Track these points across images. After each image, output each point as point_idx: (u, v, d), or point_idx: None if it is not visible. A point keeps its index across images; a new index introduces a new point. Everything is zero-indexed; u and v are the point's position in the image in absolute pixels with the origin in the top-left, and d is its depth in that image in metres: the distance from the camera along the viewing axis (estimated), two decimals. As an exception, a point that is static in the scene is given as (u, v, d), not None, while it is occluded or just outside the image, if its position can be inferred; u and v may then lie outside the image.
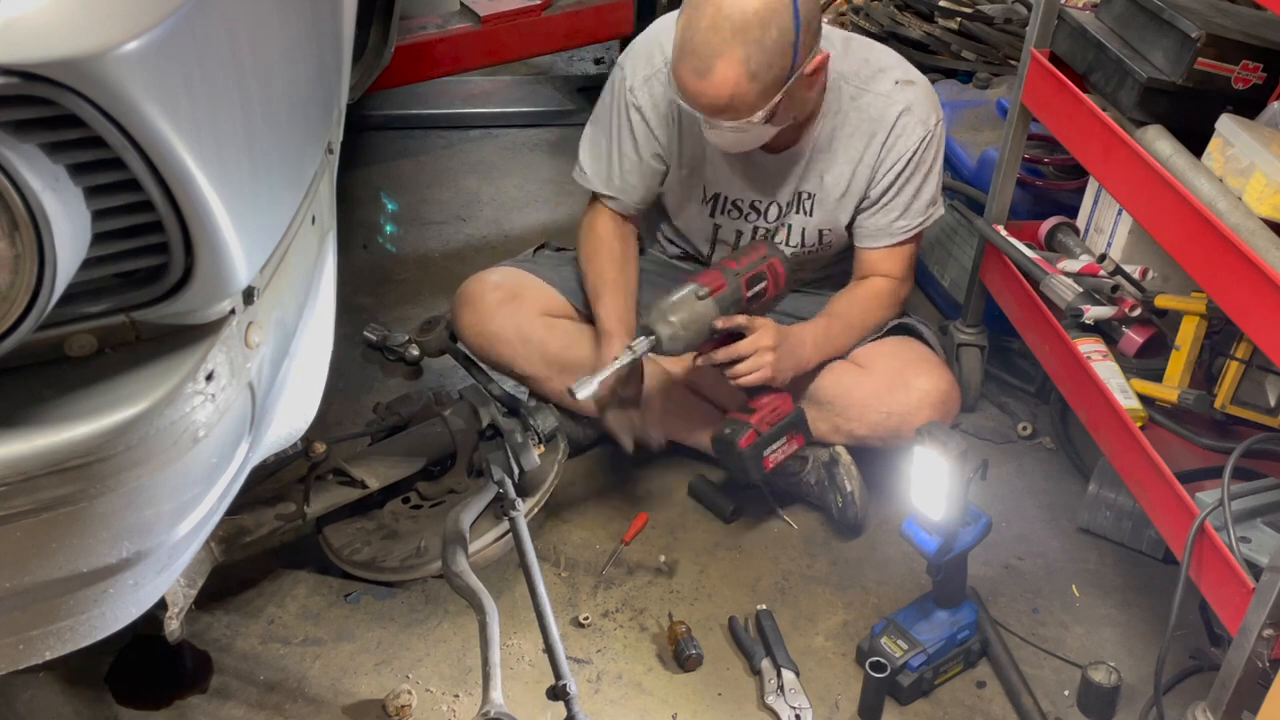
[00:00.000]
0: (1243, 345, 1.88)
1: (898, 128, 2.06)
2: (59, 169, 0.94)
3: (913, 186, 2.10)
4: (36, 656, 1.11)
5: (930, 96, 2.10)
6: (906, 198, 2.11)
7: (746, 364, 1.96)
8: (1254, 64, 1.88)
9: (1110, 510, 2.14)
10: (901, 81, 2.07)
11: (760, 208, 2.17)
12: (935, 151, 2.11)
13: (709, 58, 1.79)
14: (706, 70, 1.80)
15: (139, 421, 1.05)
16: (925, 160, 2.09)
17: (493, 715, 1.48)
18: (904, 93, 2.06)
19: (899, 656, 1.82)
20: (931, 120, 2.08)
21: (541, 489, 1.98)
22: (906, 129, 2.06)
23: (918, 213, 2.13)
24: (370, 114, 3.47)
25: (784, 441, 2.01)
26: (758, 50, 1.79)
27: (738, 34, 1.78)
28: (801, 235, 2.19)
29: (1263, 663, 1.54)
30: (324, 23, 1.47)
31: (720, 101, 1.83)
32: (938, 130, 2.09)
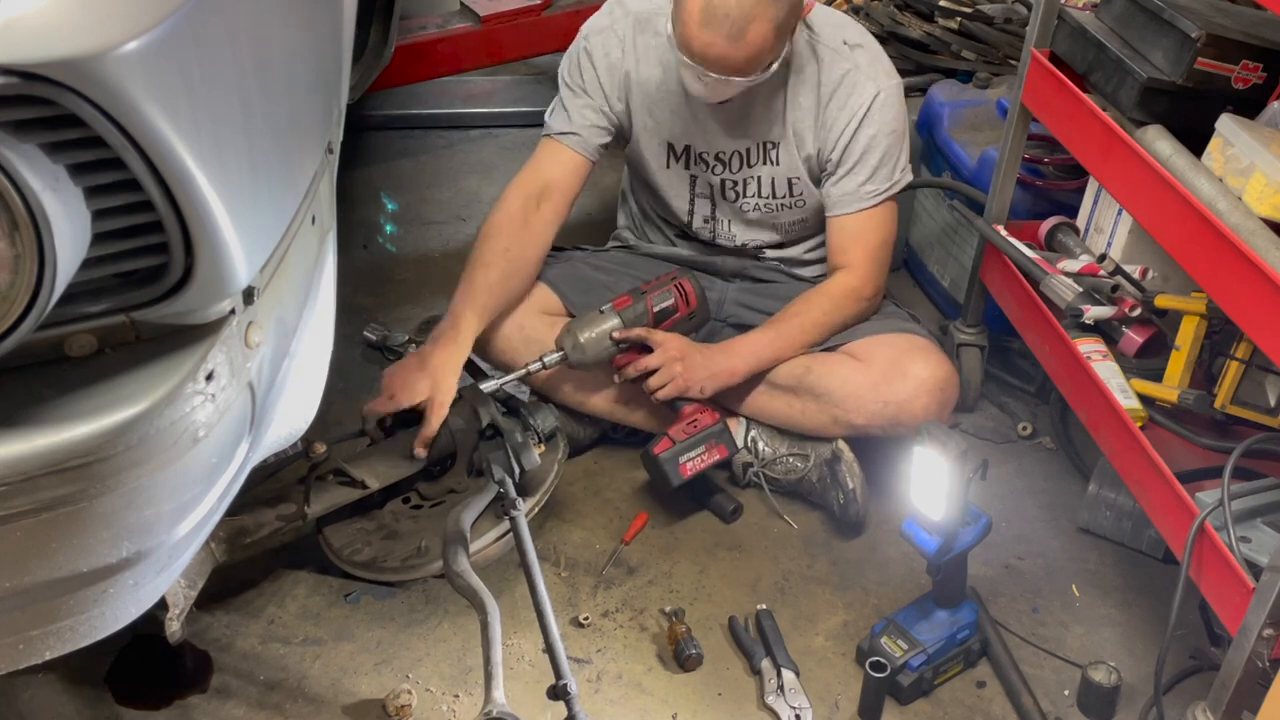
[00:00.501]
0: (1243, 345, 1.88)
1: (845, 85, 2.07)
2: (59, 169, 0.94)
3: (878, 149, 2.10)
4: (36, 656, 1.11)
5: (880, 59, 2.12)
6: (873, 161, 2.11)
7: (657, 377, 2.05)
8: (1254, 64, 1.88)
9: (1110, 510, 2.14)
10: (851, 44, 2.09)
11: (724, 158, 2.19)
12: (895, 112, 2.10)
13: (744, 22, 1.82)
14: (740, 34, 1.82)
15: (139, 421, 1.05)
16: (885, 121, 2.09)
17: (495, 715, 1.48)
18: (853, 54, 2.09)
19: (899, 656, 1.82)
20: (882, 79, 2.09)
21: (542, 489, 1.98)
22: (856, 86, 2.07)
23: (884, 178, 2.13)
24: (370, 114, 3.47)
25: (703, 450, 2.08)
26: (785, 6, 1.84)
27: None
28: (772, 186, 2.21)
29: (1263, 663, 1.54)
30: (324, 23, 1.47)
31: (746, 60, 1.86)
32: (891, 90, 2.10)
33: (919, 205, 2.87)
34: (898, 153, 2.13)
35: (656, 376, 2.06)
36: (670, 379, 2.06)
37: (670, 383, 2.06)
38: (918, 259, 2.89)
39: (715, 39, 1.84)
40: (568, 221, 2.23)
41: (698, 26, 1.84)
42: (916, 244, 2.90)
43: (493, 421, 1.99)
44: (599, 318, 2.09)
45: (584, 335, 2.07)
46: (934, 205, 2.78)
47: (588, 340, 2.07)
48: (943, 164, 2.71)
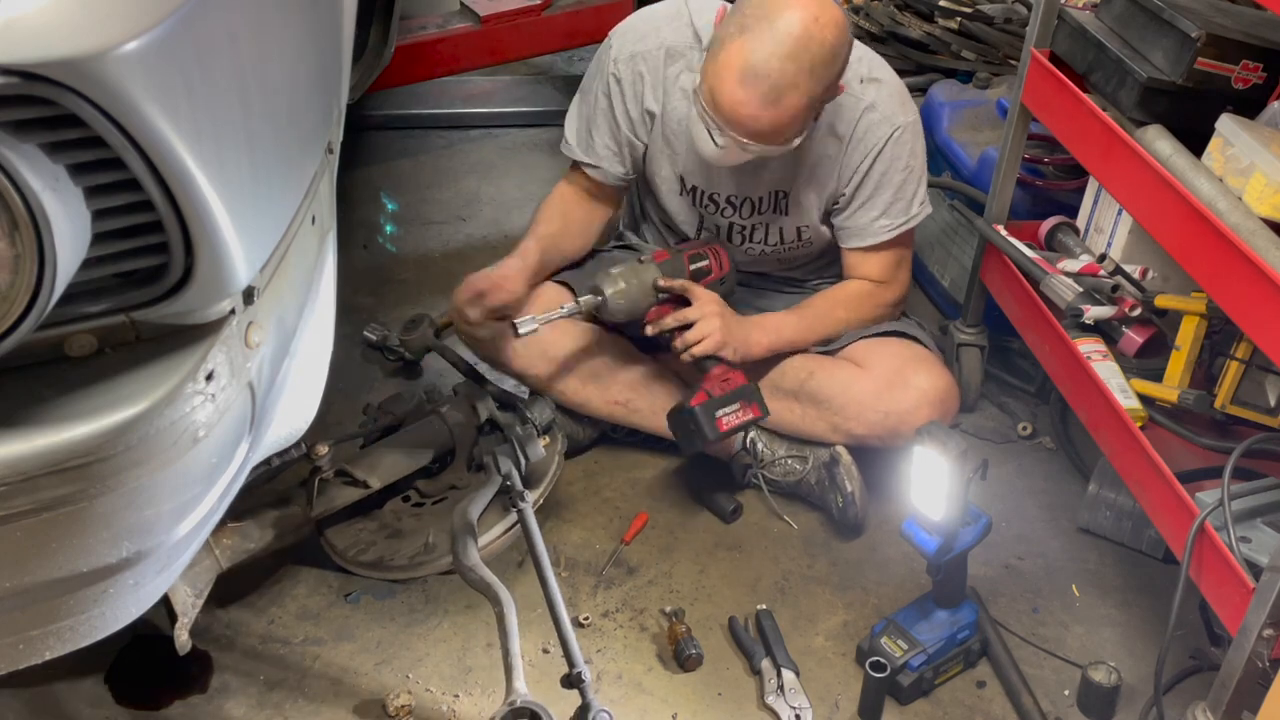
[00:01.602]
0: (1243, 345, 1.88)
1: (862, 124, 2.03)
2: (59, 169, 0.94)
3: (891, 185, 2.07)
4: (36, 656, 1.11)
5: (898, 93, 2.07)
6: (886, 197, 2.08)
7: (696, 330, 2.00)
8: (1254, 64, 1.88)
9: (1110, 510, 2.14)
10: (867, 80, 2.04)
11: (735, 203, 2.17)
12: (909, 149, 2.06)
13: (782, 89, 1.77)
14: (776, 101, 1.77)
15: (139, 421, 1.05)
16: (898, 157, 2.05)
17: (519, 704, 1.47)
18: (869, 90, 2.03)
19: (899, 656, 1.82)
20: (899, 117, 2.04)
21: (545, 481, 1.98)
22: (871, 126, 2.03)
23: (900, 212, 2.10)
24: (370, 114, 3.47)
25: (737, 407, 2.02)
26: (823, 84, 1.81)
27: (814, 71, 1.77)
28: (780, 234, 2.19)
29: (1263, 663, 1.54)
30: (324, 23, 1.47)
31: (773, 129, 1.82)
32: (909, 126, 2.05)
33: (919, 205, 2.86)
34: (914, 188, 2.09)
35: (695, 330, 2.00)
36: (709, 333, 2.00)
37: (708, 337, 2.00)
38: (918, 259, 2.88)
39: (750, 99, 1.77)
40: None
41: (734, 83, 1.78)
42: (916, 244, 2.89)
43: (491, 417, 1.99)
44: (640, 267, 2.02)
45: (626, 282, 1.98)
46: (934, 205, 2.77)
47: (630, 286, 1.99)
48: (943, 164, 2.71)
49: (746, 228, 2.20)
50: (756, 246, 2.22)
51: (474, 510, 1.81)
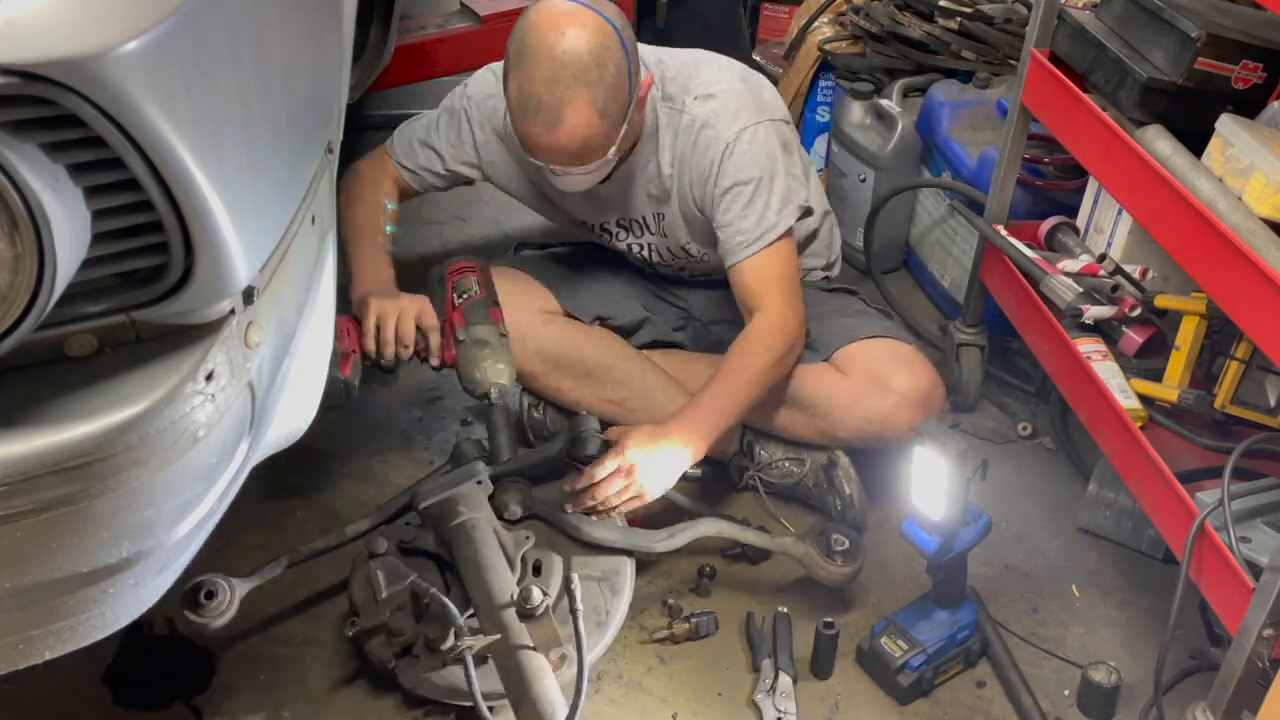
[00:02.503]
0: (1243, 345, 1.88)
1: (700, 142, 2.01)
2: (59, 169, 0.94)
3: (741, 199, 1.99)
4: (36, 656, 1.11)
5: (732, 104, 2.01)
6: (738, 210, 2.00)
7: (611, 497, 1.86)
8: (1254, 64, 1.88)
9: (1110, 510, 2.14)
10: (701, 96, 2.02)
11: (625, 225, 2.20)
12: (748, 160, 1.99)
13: (557, 108, 1.79)
14: (557, 121, 1.79)
15: (139, 421, 1.04)
16: (742, 169, 1.99)
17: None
18: (702, 107, 2.02)
19: (899, 656, 1.82)
20: (731, 130, 1.98)
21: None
22: (705, 142, 2.01)
23: (754, 224, 2.00)
24: (370, 114, 3.46)
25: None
26: (601, 88, 1.80)
27: (579, 78, 1.78)
28: (669, 251, 2.22)
29: (1263, 663, 1.54)
30: (324, 23, 1.47)
31: (574, 148, 1.83)
32: (743, 137, 1.98)
33: (919, 205, 2.87)
34: (765, 196, 2.00)
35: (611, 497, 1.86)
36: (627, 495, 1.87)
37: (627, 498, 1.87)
38: (918, 259, 2.89)
39: (535, 128, 1.82)
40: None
41: (518, 119, 1.84)
42: (916, 244, 2.90)
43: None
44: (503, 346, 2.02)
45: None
46: (934, 205, 2.78)
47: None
48: (943, 164, 2.71)
49: (643, 246, 2.23)
50: (661, 265, 2.27)
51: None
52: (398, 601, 1.73)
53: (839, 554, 1.91)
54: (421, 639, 1.69)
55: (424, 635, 1.68)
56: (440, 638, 1.64)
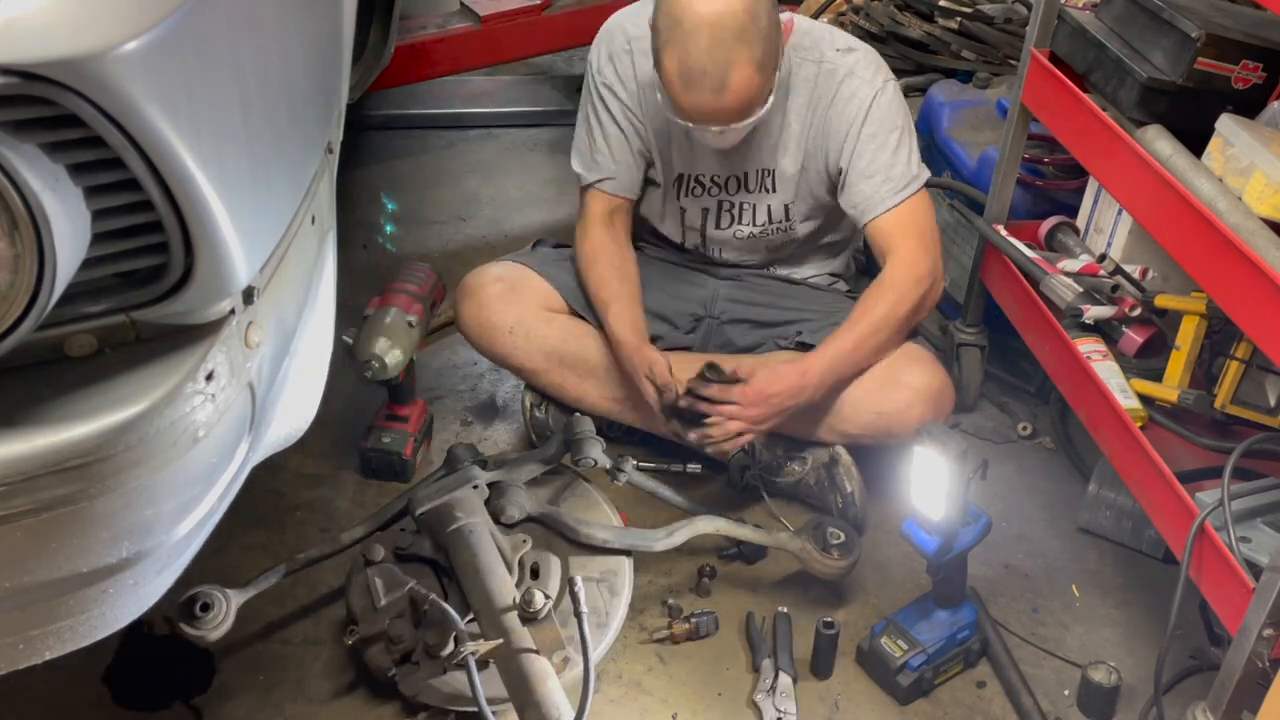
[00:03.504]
0: (1243, 345, 1.88)
1: (843, 92, 2.05)
2: (59, 169, 0.94)
3: (887, 147, 2.05)
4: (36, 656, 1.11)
5: (874, 59, 2.09)
6: (885, 159, 2.05)
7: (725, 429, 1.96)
8: (1254, 64, 1.88)
9: (1110, 510, 2.14)
10: (841, 49, 2.07)
11: (720, 181, 2.18)
12: (894, 110, 2.06)
13: (722, 74, 1.80)
14: (724, 85, 1.81)
15: (139, 421, 1.04)
16: (887, 117, 2.05)
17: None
18: (845, 58, 2.06)
19: (899, 656, 1.82)
20: (879, 78, 2.06)
21: None
22: (853, 92, 2.04)
23: (902, 175, 2.06)
24: (370, 114, 3.47)
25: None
26: (760, 42, 1.81)
27: (740, 38, 1.78)
28: (768, 212, 2.20)
29: (1263, 663, 1.54)
30: (324, 23, 1.47)
31: (738, 107, 1.85)
32: (888, 89, 2.06)
33: (919, 205, 2.86)
34: (909, 147, 2.08)
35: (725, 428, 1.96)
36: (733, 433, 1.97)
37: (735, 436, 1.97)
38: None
39: (701, 98, 1.83)
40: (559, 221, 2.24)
41: (681, 91, 1.84)
42: (916, 244, 2.89)
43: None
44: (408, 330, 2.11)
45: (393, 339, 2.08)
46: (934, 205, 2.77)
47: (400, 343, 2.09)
48: (943, 164, 2.71)
49: (734, 205, 2.20)
50: (745, 229, 2.23)
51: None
52: (396, 608, 1.73)
53: (835, 547, 1.92)
54: (421, 645, 1.69)
55: (423, 641, 1.68)
56: (440, 644, 1.64)
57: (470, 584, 1.71)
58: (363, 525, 1.90)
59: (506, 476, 1.92)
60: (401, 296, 2.16)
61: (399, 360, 2.09)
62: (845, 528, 1.94)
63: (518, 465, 1.97)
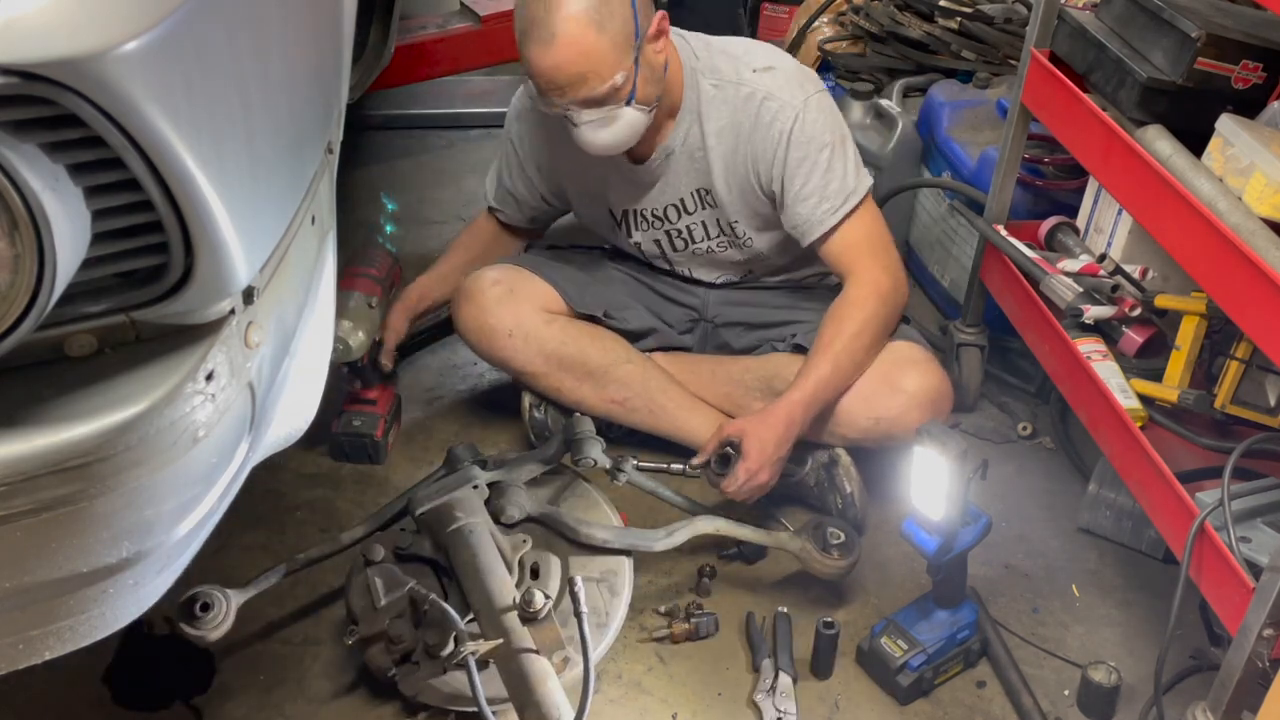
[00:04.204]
0: (1243, 345, 1.88)
1: (762, 115, 2.01)
2: (59, 169, 0.94)
3: (818, 168, 2.01)
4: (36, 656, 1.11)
5: (794, 76, 2.04)
6: (817, 180, 2.02)
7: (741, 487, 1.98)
8: (1254, 64, 1.88)
9: (1110, 510, 2.14)
10: (760, 69, 2.03)
11: (660, 213, 2.19)
12: (821, 124, 2.01)
13: (548, 22, 1.80)
14: (551, 37, 1.80)
15: (139, 421, 1.04)
16: (813, 137, 2.01)
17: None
18: (763, 80, 2.02)
19: (899, 656, 1.82)
20: (798, 98, 2.00)
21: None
22: (774, 116, 2.01)
23: (838, 192, 2.02)
24: (370, 114, 3.47)
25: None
26: (604, 6, 1.81)
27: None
28: (719, 228, 2.19)
29: (1263, 663, 1.54)
30: (324, 23, 1.47)
31: (575, 66, 1.83)
32: (810, 105, 2.00)
33: (919, 205, 2.87)
34: (842, 161, 2.03)
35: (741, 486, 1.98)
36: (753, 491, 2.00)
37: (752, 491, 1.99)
38: (918, 259, 2.89)
39: (535, 51, 1.83)
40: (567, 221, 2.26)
41: (523, 51, 1.85)
42: (916, 244, 2.90)
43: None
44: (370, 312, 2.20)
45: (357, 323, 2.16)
46: (934, 205, 2.78)
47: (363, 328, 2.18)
48: (943, 164, 2.71)
49: (681, 230, 2.21)
50: (700, 245, 2.23)
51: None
52: (396, 609, 1.73)
53: (835, 547, 1.92)
54: (421, 645, 1.69)
55: (423, 641, 1.68)
56: (440, 644, 1.64)
57: (470, 584, 1.71)
58: (363, 525, 1.90)
59: (506, 476, 1.92)
60: (363, 280, 2.20)
61: (362, 342, 2.13)
62: (845, 527, 1.94)
63: (518, 465, 1.96)
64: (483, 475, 1.89)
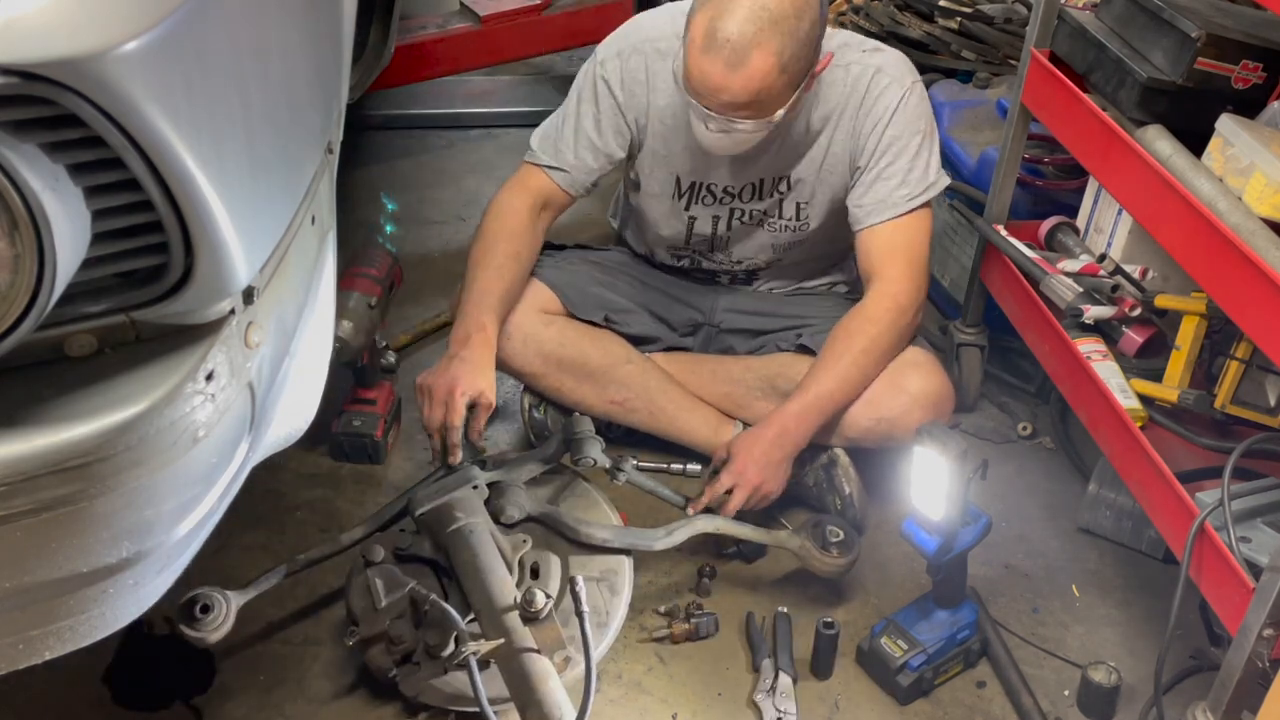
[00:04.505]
0: (1243, 345, 1.88)
1: (872, 89, 2.03)
2: (59, 169, 0.94)
3: (908, 151, 2.04)
4: (36, 656, 1.11)
5: (902, 59, 2.08)
6: (904, 163, 2.04)
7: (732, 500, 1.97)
8: (1254, 64, 1.88)
9: (1110, 510, 2.14)
10: (869, 49, 2.06)
11: (735, 191, 2.16)
12: (920, 112, 2.05)
13: (745, 48, 1.76)
14: (741, 61, 1.77)
15: (139, 421, 1.04)
16: (912, 120, 2.03)
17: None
18: (872, 58, 2.05)
19: (899, 656, 1.82)
20: (907, 79, 2.04)
21: None
22: (883, 90, 2.03)
23: (919, 180, 2.05)
24: (370, 114, 3.47)
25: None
26: (792, 41, 1.78)
27: (776, 24, 1.76)
28: (779, 210, 2.18)
29: (1263, 663, 1.54)
30: (324, 23, 1.47)
31: (748, 96, 1.81)
32: (916, 90, 2.04)
33: (919, 205, 2.87)
34: (929, 153, 2.06)
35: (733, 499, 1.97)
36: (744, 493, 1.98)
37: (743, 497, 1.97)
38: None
39: (714, 67, 1.78)
40: (559, 221, 2.25)
41: (699, 53, 1.79)
42: (916, 244, 2.89)
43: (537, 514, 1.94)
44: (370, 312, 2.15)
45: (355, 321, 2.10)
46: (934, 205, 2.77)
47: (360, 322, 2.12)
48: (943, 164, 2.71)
49: (745, 213, 2.19)
50: (758, 232, 2.21)
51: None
52: (397, 609, 1.73)
53: (834, 545, 1.92)
54: (421, 646, 1.69)
55: (424, 642, 1.68)
56: (440, 644, 1.64)
57: (471, 584, 1.71)
58: (363, 526, 1.90)
59: (506, 476, 1.92)
60: (362, 280, 2.19)
61: (362, 342, 2.13)
62: (844, 525, 1.94)
63: (517, 465, 1.96)
64: (482, 475, 1.89)
